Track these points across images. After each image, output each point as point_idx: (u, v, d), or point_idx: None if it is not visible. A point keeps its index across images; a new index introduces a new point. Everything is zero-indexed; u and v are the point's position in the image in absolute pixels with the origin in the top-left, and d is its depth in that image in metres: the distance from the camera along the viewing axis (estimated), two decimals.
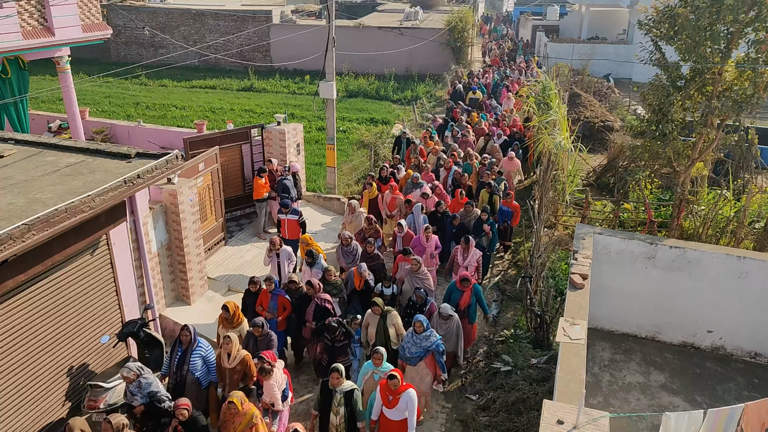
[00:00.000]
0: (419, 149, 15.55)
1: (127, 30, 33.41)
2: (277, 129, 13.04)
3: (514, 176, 15.00)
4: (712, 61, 9.60)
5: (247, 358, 7.45)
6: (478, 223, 11.26)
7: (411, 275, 9.40)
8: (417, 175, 12.97)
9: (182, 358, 7.47)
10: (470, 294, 8.87)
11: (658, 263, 9.03)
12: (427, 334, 7.60)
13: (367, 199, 12.72)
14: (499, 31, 45.53)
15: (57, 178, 7.61)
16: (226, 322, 8.38)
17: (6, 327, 6.76)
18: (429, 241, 10.50)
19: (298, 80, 28.97)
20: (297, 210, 11.26)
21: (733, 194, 12.10)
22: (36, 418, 7.28)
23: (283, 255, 10.03)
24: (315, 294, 8.59)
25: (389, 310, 8.24)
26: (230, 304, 8.32)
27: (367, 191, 12.75)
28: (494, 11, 65.91)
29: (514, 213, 12.40)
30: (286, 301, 8.72)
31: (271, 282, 8.68)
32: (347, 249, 10.29)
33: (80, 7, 13.65)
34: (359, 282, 9.28)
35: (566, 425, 5.16)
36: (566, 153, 13.96)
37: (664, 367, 8.94)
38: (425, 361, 7.67)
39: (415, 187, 12.86)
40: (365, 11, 38.17)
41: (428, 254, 10.43)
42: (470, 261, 10.04)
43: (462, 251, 10.20)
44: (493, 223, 11.25)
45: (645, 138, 10.77)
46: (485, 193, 12.88)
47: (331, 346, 7.99)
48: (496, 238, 11.38)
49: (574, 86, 23.53)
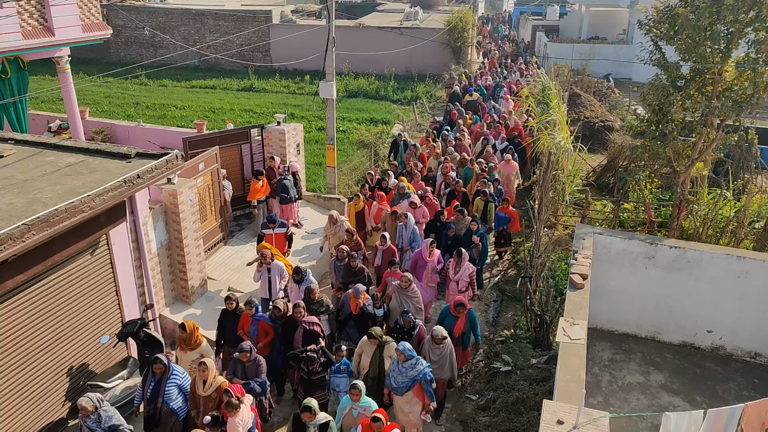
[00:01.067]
0: (420, 153, 15.05)
1: (127, 30, 33.40)
2: (277, 129, 13.04)
3: (512, 180, 14.53)
4: (712, 61, 9.60)
5: (224, 384, 6.91)
6: (468, 234, 10.74)
7: (399, 292, 8.79)
8: (403, 185, 12.19)
9: (156, 388, 6.89)
10: (465, 320, 8.28)
11: (658, 263, 9.03)
12: (412, 363, 7.09)
13: (353, 211, 11.91)
14: (500, 32, 45.39)
15: (57, 178, 7.61)
16: (183, 343, 7.72)
17: (6, 327, 6.76)
18: (432, 256, 9.83)
19: (298, 80, 28.97)
20: (284, 223, 10.80)
21: (733, 194, 12.10)
22: (36, 418, 7.28)
23: (274, 270, 9.43)
24: (302, 318, 7.99)
25: (387, 340, 7.67)
26: (188, 324, 7.67)
27: (353, 203, 11.97)
28: (494, 11, 65.81)
29: (511, 219, 12.02)
30: (268, 327, 8.12)
31: (252, 306, 8.09)
32: (340, 264, 9.64)
33: (80, 7, 13.65)
34: (356, 307, 8.57)
35: (566, 425, 5.16)
36: (566, 153, 13.96)
37: (664, 367, 8.94)
38: (413, 391, 7.19)
39: (402, 198, 12.08)
40: (365, 11, 38.17)
41: (430, 269, 9.80)
42: (462, 275, 9.49)
43: (454, 265, 9.63)
44: (483, 235, 10.73)
45: (645, 138, 10.77)
46: (479, 201, 12.31)
47: (307, 379, 7.50)
48: (486, 251, 10.88)
49: (574, 86, 23.53)
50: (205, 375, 6.89)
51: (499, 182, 13.12)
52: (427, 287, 9.78)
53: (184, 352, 7.73)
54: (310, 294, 8.54)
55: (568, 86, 22.56)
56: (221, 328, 8.37)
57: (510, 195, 14.06)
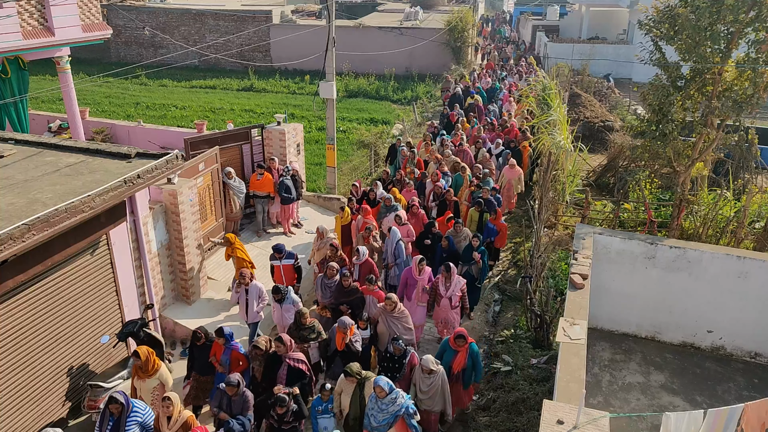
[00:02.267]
0: (417, 160, 14.40)
1: (127, 30, 33.40)
2: (277, 129, 13.04)
3: (514, 186, 13.97)
4: (712, 61, 9.59)
5: (190, 420, 6.45)
6: (468, 249, 10.07)
7: (386, 315, 8.17)
8: (389, 197, 11.52)
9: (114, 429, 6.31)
10: (466, 355, 7.50)
11: (658, 263, 9.03)
12: (392, 397, 6.54)
13: (339, 225, 11.30)
14: (502, 33, 45.17)
15: (57, 178, 7.61)
16: (140, 371, 7.19)
17: (6, 327, 6.76)
18: (422, 274, 9.18)
19: (298, 80, 28.97)
20: (292, 254, 9.86)
21: (733, 194, 12.10)
22: (36, 418, 7.28)
23: (252, 292, 8.83)
24: (286, 353, 7.26)
25: (367, 377, 7.04)
26: (142, 350, 7.15)
27: (339, 216, 11.34)
28: (494, 11, 65.66)
29: (500, 232, 11.29)
30: (241, 356, 7.61)
31: (222, 337, 7.55)
32: (328, 282, 9.00)
33: (80, 7, 13.65)
34: (341, 342, 7.84)
35: (566, 425, 5.16)
36: (566, 153, 13.95)
37: (664, 367, 8.94)
38: (396, 427, 6.64)
39: (389, 211, 11.33)
40: (365, 11, 38.16)
41: (420, 288, 9.17)
42: (453, 291, 8.90)
43: (443, 280, 8.94)
44: (484, 251, 10.08)
45: (645, 138, 10.76)
46: (474, 212, 11.52)
47: (276, 428, 6.81)
48: (486, 268, 10.23)
49: (574, 86, 23.53)
50: (169, 411, 6.34)
51: (497, 191, 12.47)
52: (418, 307, 9.22)
53: (141, 381, 7.23)
54: (301, 318, 7.98)
55: (568, 86, 22.55)
56: (192, 358, 7.89)
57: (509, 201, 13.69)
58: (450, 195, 12.14)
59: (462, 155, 14.77)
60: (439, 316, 9.23)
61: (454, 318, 9.12)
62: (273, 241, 12.57)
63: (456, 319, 9.15)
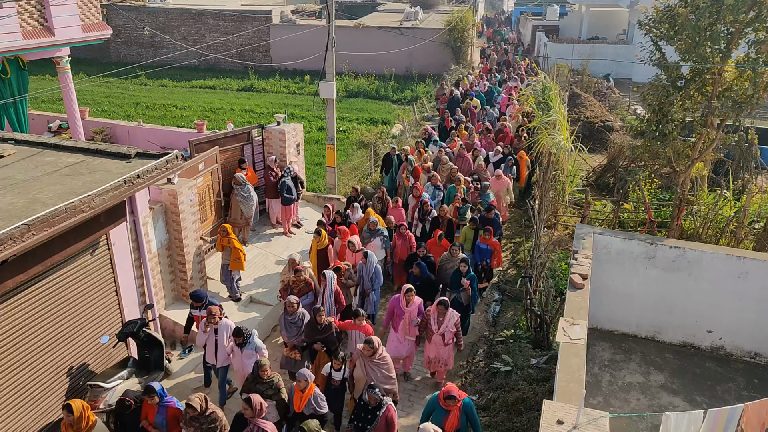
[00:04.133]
0: (415, 168, 13.55)
1: (127, 30, 33.41)
2: (277, 129, 13.05)
3: (503, 197, 13.15)
4: (712, 61, 9.59)
5: None
6: (456, 275, 9.31)
7: (365, 360, 7.24)
8: (374, 220, 10.61)
9: None
10: (459, 413, 6.57)
11: (658, 263, 9.04)
12: None
13: (315, 249, 10.35)
14: (502, 35, 45.05)
15: (57, 178, 7.61)
16: (70, 428, 6.41)
17: (6, 327, 6.76)
18: (410, 305, 8.37)
19: (298, 80, 28.98)
20: (213, 302, 8.44)
21: (733, 194, 12.10)
22: (36, 418, 7.28)
23: (222, 331, 7.91)
24: (253, 418, 6.28)
25: None
26: (75, 405, 6.35)
27: (314, 240, 10.40)
28: (494, 11, 65.54)
29: (493, 251, 10.56)
30: (179, 412, 6.68)
31: (153, 395, 6.66)
32: (291, 319, 8.26)
33: (80, 7, 13.65)
34: (299, 403, 6.93)
35: (566, 425, 5.16)
36: (566, 153, 13.95)
37: (664, 367, 8.94)
38: None
39: (373, 236, 10.50)
40: (365, 11, 38.18)
41: (408, 320, 8.39)
42: (447, 327, 8.16)
43: (436, 315, 8.22)
44: (474, 277, 9.35)
45: (645, 138, 10.76)
46: (468, 230, 10.84)
47: None
48: (477, 296, 9.50)
49: (574, 86, 23.54)
50: None
51: (494, 207, 11.43)
52: (405, 340, 8.53)
53: None
54: (260, 370, 6.99)
55: (568, 86, 22.56)
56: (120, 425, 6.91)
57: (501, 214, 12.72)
58: (444, 211, 11.14)
59: (460, 162, 14.04)
60: (431, 353, 8.48)
61: (447, 355, 8.46)
62: (273, 241, 12.60)
63: (449, 356, 8.50)
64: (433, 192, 12.41)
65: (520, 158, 14.63)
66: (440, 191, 12.45)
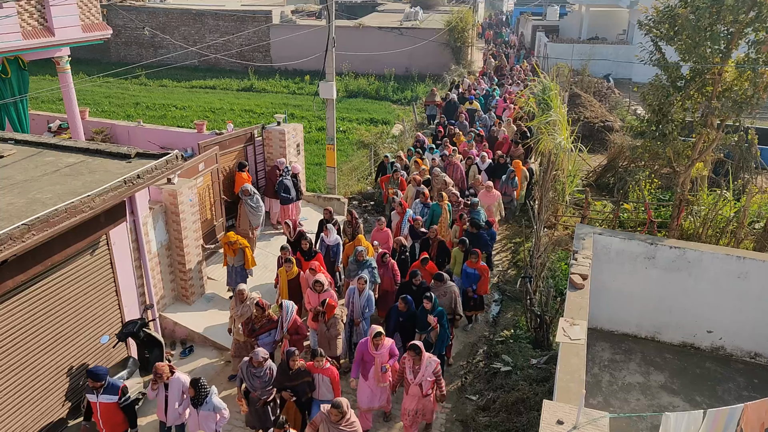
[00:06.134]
0: (399, 179, 12.78)
1: (127, 30, 33.42)
2: (277, 129, 13.05)
3: (494, 212, 12.13)
4: (712, 62, 9.59)
5: None
6: (423, 313, 8.11)
7: (329, 425, 6.23)
8: (362, 249, 9.39)
9: None
10: None
11: (658, 263, 9.04)
12: None
13: (285, 279, 9.25)
14: (503, 37, 44.89)
15: (57, 178, 7.61)
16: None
17: (6, 327, 6.76)
18: (379, 349, 7.24)
19: (298, 80, 28.99)
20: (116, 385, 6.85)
21: (733, 194, 12.11)
22: (36, 418, 7.28)
23: (174, 388, 6.89)
24: None
25: None
26: None
27: (284, 269, 9.30)
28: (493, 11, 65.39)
29: (481, 277, 9.57)
30: None
31: None
32: (257, 372, 7.03)
33: (80, 7, 13.64)
34: None
35: (566, 425, 5.16)
36: (566, 153, 13.95)
37: (664, 367, 8.94)
38: None
39: (361, 268, 9.26)
40: (365, 11, 38.20)
41: (378, 366, 7.25)
42: (425, 376, 7.05)
43: (411, 363, 7.08)
44: (442, 312, 8.14)
45: (645, 138, 10.76)
46: (459, 252, 9.98)
47: None
48: (447, 333, 8.30)
49: (574, 86, 23.55)
50: None
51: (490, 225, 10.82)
52: (378, 388, 7.47)
53: None
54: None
55: (568, 86, 22.56)
56: None
57: None
58: (434, 232, 10.28)
59: (451, 170, 13.44)
60: (409, 407, 7.28)
61: (428, 408, 7.47)
62: (273, 241, 12.60)
63: (430, 409, 7.50)
64: (422, 210, 11.52)
65: (516, 166, 14.00)
66: (428, 209, 11.47)
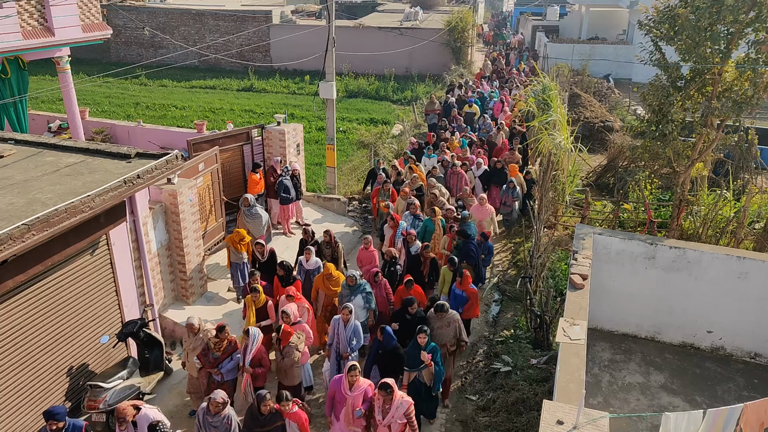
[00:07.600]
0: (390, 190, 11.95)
1: (127, 30, 33.41)
2: (277, 129, 13.05)
3: (486, 227, 11.37)
4: (712, 62, 9.59)
5: None
6: (415, 348, 7.21)
7: None
8: (354, 275, 8.41)
9: None
10: None
11: (658, 263, 9.04)
12: None
13: (252, 309, 8.45)
14: (504, 38, 44.71)
15: (57, 178, 7.61)
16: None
17: (6, 327, 6.76)
18: (354, 390, 6.50)
19: (298, 80, 28.98)
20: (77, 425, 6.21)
21: (733, 194, 12.10)
22: (36, 418, 7.28)
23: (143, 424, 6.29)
24: None
25: None
26: None
27: (251, 297, 8.49)
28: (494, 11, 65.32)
29: (470, 300, 8.74)
30: None
31: None
32: (214, 422, 6.34)
33: (80, 7, 13.65)
34: None
35: (566, 425, 5.16)
36: (566, 153, 13.95)
37: (664, 367, 8.94)
38: None
39: (354, 293, 8.40)
40: (365, 11, 38.18)
41: (351, 409, 6.53)
42: (395, 417, 6.31)
43: (381, 402, 6.35)
44: (436, 349, 7.25)
45: (645, 138, 10.76)
46: (447, 272, 9.23)
47: None
48: (442, 371, 7.39)
49: (574, 86, 23.53)
50: None
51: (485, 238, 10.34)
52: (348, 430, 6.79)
53: None
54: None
55: (568, 86, 22.55)
56: None
57: None
58: (426, 252, 9.56)
59: (455, 180, 12.73)
60: None
61: None
62: (273, 241, 12.56)
63: None
64: (413, 222, 10.87)
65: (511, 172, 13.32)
66: (420, 221, 10.85)
